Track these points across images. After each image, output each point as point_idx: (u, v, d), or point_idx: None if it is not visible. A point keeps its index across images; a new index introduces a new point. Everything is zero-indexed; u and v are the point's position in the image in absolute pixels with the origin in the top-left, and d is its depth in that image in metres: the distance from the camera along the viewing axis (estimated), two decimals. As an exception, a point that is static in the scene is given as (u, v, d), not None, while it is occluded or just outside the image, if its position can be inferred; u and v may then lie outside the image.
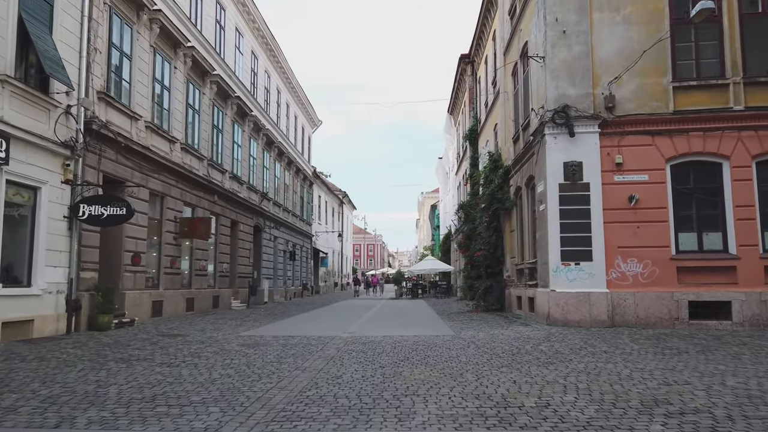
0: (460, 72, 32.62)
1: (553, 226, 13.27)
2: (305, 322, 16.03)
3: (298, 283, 34.83)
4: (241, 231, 23.01)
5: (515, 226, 18.12)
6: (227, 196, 21.17)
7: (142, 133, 14.68)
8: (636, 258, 12.99)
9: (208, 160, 19.31)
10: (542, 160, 13.78)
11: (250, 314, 18.63)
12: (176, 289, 16.66)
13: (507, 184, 19.12)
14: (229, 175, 21.61)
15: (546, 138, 13.50)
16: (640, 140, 13.26)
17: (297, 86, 33.43)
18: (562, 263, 13.14)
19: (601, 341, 10.27)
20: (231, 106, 21.71)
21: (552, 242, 13.25)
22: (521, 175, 16.96)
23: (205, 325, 14.28)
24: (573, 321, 12.84)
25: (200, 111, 18.79)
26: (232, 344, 10.32)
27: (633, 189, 13.13)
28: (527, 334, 11.51)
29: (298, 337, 11.46)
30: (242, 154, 23.34)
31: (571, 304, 12.91)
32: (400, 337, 11.51)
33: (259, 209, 25.65)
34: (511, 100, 18.57)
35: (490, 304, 19.45)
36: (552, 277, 13.18)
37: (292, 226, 32.45)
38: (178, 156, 16.87)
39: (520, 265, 17.38)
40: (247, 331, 12.77)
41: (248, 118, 23.78)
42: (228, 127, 21.56)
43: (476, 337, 11.19)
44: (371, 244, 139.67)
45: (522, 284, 17.13)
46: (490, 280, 19.86)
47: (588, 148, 13.31)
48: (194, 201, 18.14)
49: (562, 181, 13.33)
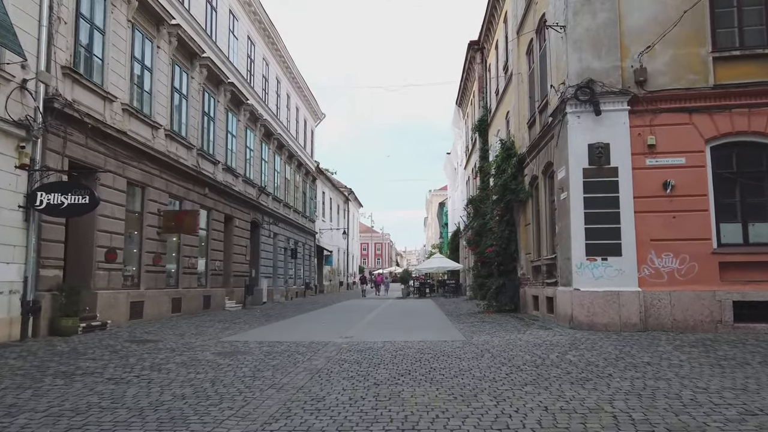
0: (469, 60, 31.06)
1: (576, 217, 11.72)
2: (301, 324, 14.58)
3: (300, 282, 33.41)
4: (236, 227, 21.61)
5: (531, 219, 16.57)
6: (220, 189, 19.77)
7: (118, 116, 13.27)
8: (672, 252, 11.41)
9: (197, 150, 17.90)
10: (563, 143, 12.23)
11: (244, 316, 17.21)
12: (160, 289, 15.26)
13: (521, 174, 17.56)
14: (223, 166, 20.20)
15: (568, 117, 11.95)
16: (675, 119, 11.67)
17: (298, 76, 32.01)
18: (586, 258, 11.58)
19: (638, 349, 8.73)
20: (224, 93, 20.29)
21: (575, 235, 11.70)
22: (537, 162, 15.40)
23: (188, 328, 12.87)
24: (600, 324, 11.29)
25: (188, 96, 17.38)
26: (208, 352, 8.88)
27: (668, 174, 11.55)
28: (549, 340, 9.98)
29: (287, 344, 10.01)
30: (237, 145, 21.93)
31: (598, 305, 11.36)
32: (403, 342, 10.02)
33: (257, 204, 24.24)
34: (525, 82, 17.01)
35: (502, 304, 17.91)
36: (575, 274, 11.63)
37: (293, 222, 31.04)
38: (161, 143, 15.47)
39: (537, 261, 15.83)
40: (231, 336, 11.34)
41: (244, 107, 22.36)
42: (221, 115, 20.15)
43: (490, 344, 9.69)
44: (379, 243, 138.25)
45: (539, 283, 15.59)
46: (503, 279, 18.30)
47: (616, 128, 11.75)
48: (182, 193, 16.74)
49: (586, 165, 11.78)
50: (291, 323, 14.89)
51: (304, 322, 15.42)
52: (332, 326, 13.94)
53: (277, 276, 27.82)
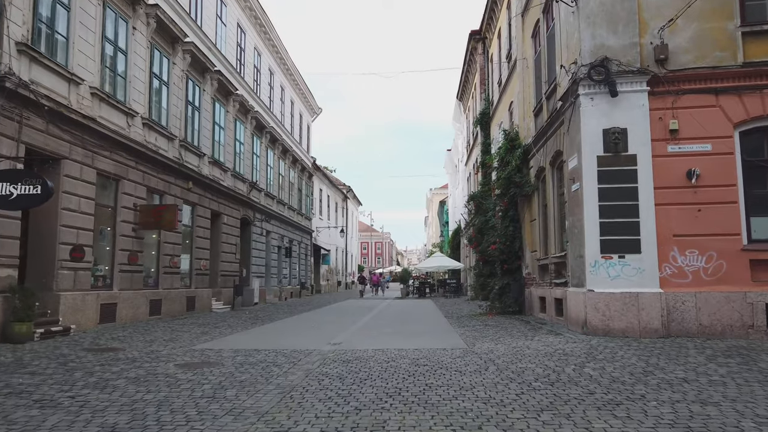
0: (470, 51, 29.89)
1: (590, 210, 10.56)
2: (289, 328, 13.43)
3: (295, 282, 32.25)
4: (224, 224, 20.46)
5: (536, 214, 15.41)
6: (206, 183, 18.61)
7: (86, 101, 12.12)
8: (697, 249, 10.25)
9: (180, 141, 16.74)
10: (575, 128, 11.07)
11: (229, 318, 16.06)
12: (136, 290, 14.10)
13: (526, 167, 16.40)
14: (209, 159, 19.04)
15: (580, 99, 10.79)
16: (700, 100, 10.51)
17: (293, 68, 30.84)
18: (601, 256, 10.42)
19: (666, 360, 7.57)
20: (210, 82, 19.14)
21: (589, 230, 10.54)
22: (545, 152, 14.24)
23: (162, 333, 11.72)
24: (617, 329, 10.13)
25: (169, 83, 16.22)
26: (171, 364, 7.73)
27: (692, 162, 10.39)
28: (561, 348, 8.82)
29: (266, 352, 8.86)
30: (226, 138, 20.77)
31: (615, 308, 10.19)
32: (396, 351, 8.87)
33: (248, 200, 23.08)
34: (531, 67, 15.85)
35: (506, 305, 16.75)
36: (589, 273, 10.47)
37: (287, 220, 29.88)
38: (138, 133, 14.31)
39: (543, 260, 14.67)
40: (206, 343, 10.19)
41: (233, 98, 21.20)
42: (207, 105, 19.00)
43: (495, 352, 8.53)
44: (379, 242, 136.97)
45: (546, 283, 14.43)
46: (507, 278, 17.14)
47: (634, 111, 10.58)
48: (162, 187, 15.58)
49: (601, 153, 10.61)
50: (278, 327, 13.74)
51: (293, 325, 14.27)
52: (322, 330, 12.80)
53: (270, 276, 26.67)
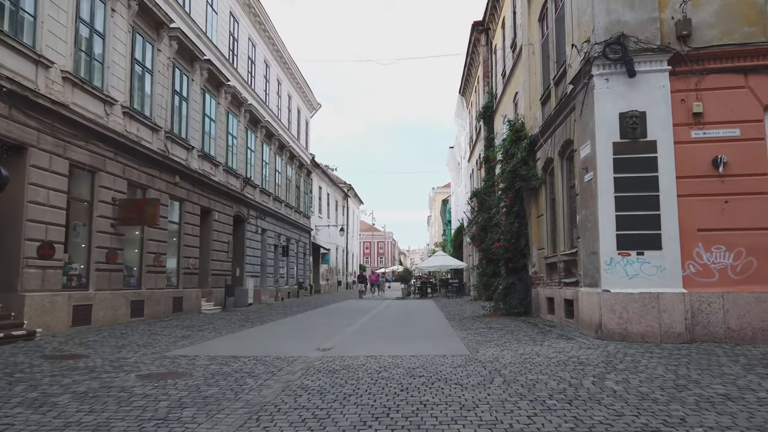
0: (473, 43, 28.92)
1: (605, 202, 9.59)
2: (279, 331, 12.50)
3: (293, 281, 31.31)
4: (216, 221, 19.53)
5: (544, 209, 14.44)
6: (195, 178, 17.68)
7: (57, 85, 11.20)
8: (724, 245, 9.27)
9: (166, 132, 15.82)
10: (588, 113, 10.09)
11: (218, 320, 15.13)
12: (115, 290, 13.18)
13: (532, 159, 15.43)
14: (198, 153, 18.11)
15: (594, 81, 9.81)
16: (727, 81, 9.52)
17: (290, 61, 29.89)
18: (618, 253, 9.44)
19: (698, 371, 6.59)
20: (200, 72, 18.21)
21: (604, 224, 9.57)
22: (553, 142, 13.28)
23: (139, 337, 10.79)
24: (635, 334, 9.16)
25: (153, 70, 15.29)
26: (133, 374, 6.79)
27: (718, 149, 9.41)
28: (575, 356, 7.86)
29: (245, 360, 7.93)
30: (217, 131, 19.84)
31: (633, 310, 9.22)
32: (391, 358, 7.92)
33: (242, 197, 22.15)
34: (538, 53, 14.87)
35: (511, 306, 15.77)
36: (604, 272, 9.49)
37: (284, 218, 28.95)
38: (118, 122, 13.39)
39: (551, 257, 13.71)
40: (183, 348, 9.26)
41: (225, 89, 20.27)
42: (196, 96, 18.07)
43: (501, 360, 7.57)
44: (381, 242, 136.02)
45: (554, 282, 13.46)
46: (512, 278, 16.17)
47: (654, 92, 9.60)
48: (145, 181, 14.66)
49: (617, 139, 9.64)
50: (268, 330, 12.80)
51: (283, 328, 13.33)
52: (313, 334, 11.85)
53: (266, 275, 25.74)
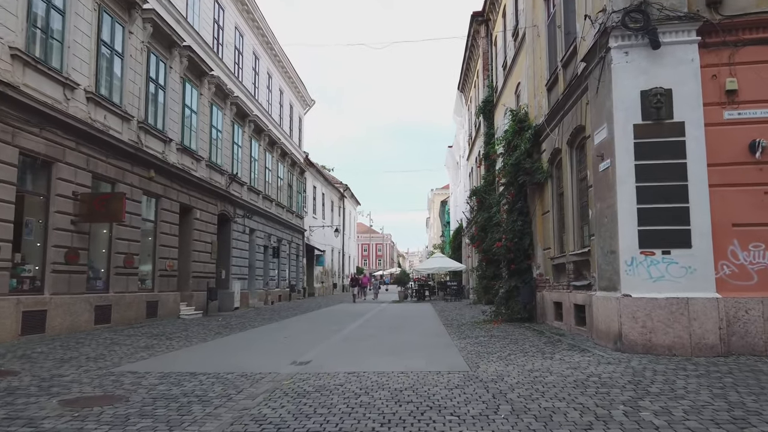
0: (472, 35, 27.72)
1: (624, 193, 8.34)
2: (256, 340, 11.25)
3: (285, 284, 30.03)
4: (197, 219, 18.27)
5: (550, 205, 13.20)
6: (174, 173, 16.44)
7: (4, 63, 9.95)
8: (764, 243, 8.03)
9: (139, 123, 14.57)
10: (605, 92, 8.84)
11: (194, 327, 13.87)
12: (76, 294, 11.91)
13: (537, 151, 14.19)
14: (177, 146, 16.86)
15: (612, 55, 8.57)
16: (765, 53, 8.30)
17: (281, 54, 28.65)
18: (640, 252, 8.19)
19: (751, 396, 5.34)
20: (180, 59, 16.98)
21: (623, 219, 8.32)
22: (561, 131, 12.04)
23: (94, 347, 9.52)
24: (661, 345, 7.90)
25: (124, 54, 14.05)
26: (56, 400, 5.54)
27: (756, 131, 8.18)
28: (594, 373, 6.60)
29: (203, 377, 6.69)
30: (199, 124, 18.59)
31: (659, 318, 7.96)
32: (375, 377, 6.67)
33: (227, 194, 20.89)
34: (543, 35, 13.64)
35: (514, 312, 14.52)
36: (624, 273, 8.24)
37: (275, 217, 27.69)
38: (80, 108, 12.14)
39: (559, 258, 12.47)
40: (137, 362, 8.01)
41: (208, 79, 19.03)
42: (175, 85, 16.82)
43: (506, 380, 6.32)
44: (379, 244, 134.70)
45: (562, 285, 12.21)
46: (515, 280, 14.90)
47: (680, 67, 8.37)
48: (113, 174, 13.40)
49: (638, 121, 8.40)
50: (244, 338, 11.54)
51: (263, 335, 12.08)
52: (294, 342, 10.60)
53: (254, 278, 24.46)
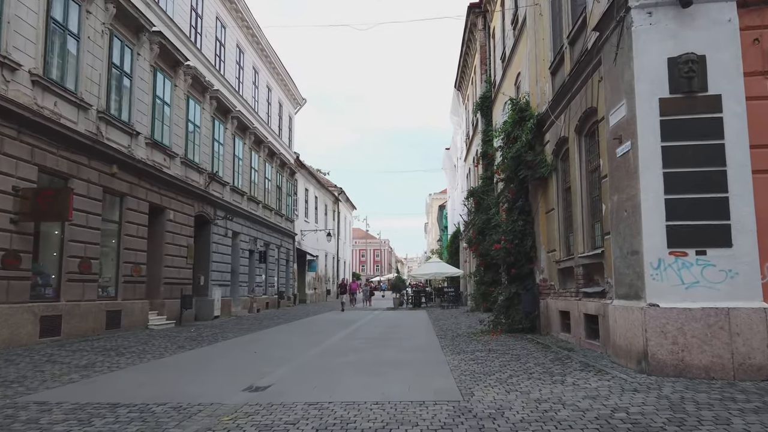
0: (469, 28, 26.41)
1: (649, 182, 6.92)
2: (216, 355, 9.81)
3: (273, 290, 28.55)
4: (171, 221, 16.82)
5: (555, 202, 11.79)
6: (142, 170, 15.01)
7: None
8: (821, 240, 6.63)
9: (99, 112, 13.15)
10: (624, 61, 7.43)
11: (159, 338, 12.41)
12: (17, 303, 10.45)
13: (540, 142, 12.80)
14: (147, 140, 15.45)
15: (633, 16, 7.17)
16: (818, 13, 6.93)
17: (269, 49, 27.27)
18: (669, 252, 6.77)
19: None
20: (150, 46, 15.59)
21: (648, 212, 6.90)
22: (568, 117, 10.65)
23: (20, 367, 8.06)
24: (696, 366, 6.46)
25: (81, 36, 12.64)
26: None
27: (809, 106, 6.79)
28: (621, 406, 5.16)
29: (126, 410, 5.28)
30: (173, 117, 17.18)
31: (693, 333, 6.52)
32: (343, 411, 5.23)
33: (206, 194, 19.46)
34: (546, 12, 12.26)
35: (514, 321, 13.07)
36: (649, 278, 6.80)
37: (262, 220, 26.24)
38: (23, 93, 10.72)
39: (566, 261, 11.06)
40: (57, 389, 6.58)
41: (183, 70, 17.64)
42: (143, 73, 15.41)
43: (508, 415, 4.88)
44: (377, 249, 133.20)
45: (569, 292, 10.79)
46: (515, 286, 13.47)
47: (716, 30, 6.97)
48: (66, 168, 11.97)
49: (665, 94, 6.99)
50: (205, 353, 10.09)
51: (229, 350, 10.62)
52: (259, 359, 9.15)
53: (238, 284, 22.99)
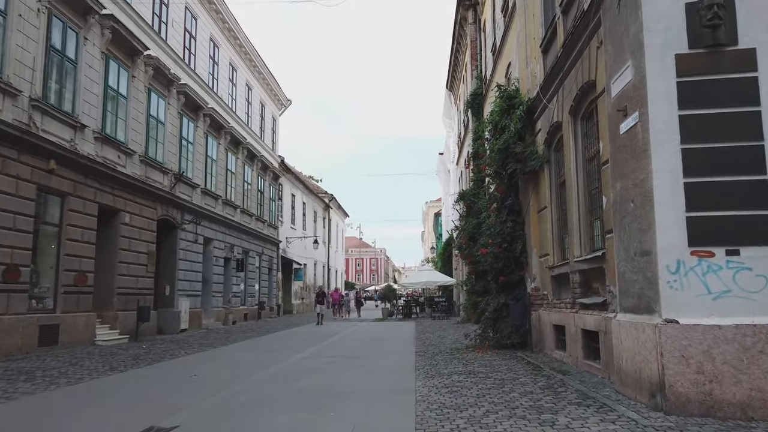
0: (459, 22, 25.00)
1: (663, 160, 5.37)
2: (147, 380, 8.23)
3: (253, 301, 26.89)
4: (126, 225, 15.23)
5: (547, 199, 10.24)
6: (89, 167, 13.45)
7: None
8: None
9: (32, 100, 11.61)
10: (629, 12, 5.88)
11: (94, 358, 10.79)
12: None
13: (531, 132, 11.28)
14: (96, 134, 13.89)
15: (639, -49, 5.65)
16: None
17: (248, 45, 25.76)
18: (691, 252, 5.21)
19: None
20: (100, 30, 14.08)
21: (662, 200, 5.34)
22: (561, 98, 9.13)
23: None
24: (730, 403, 4.88)
25: (7, 12, 11.12)
26: None
27: None
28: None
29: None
30: (130, 111, 15.63)
31: (725, 358, 4.94)
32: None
33: (172, 197, 17.89)
34: (536, -16, 10.79)
35: (503, 336, 11.49)
36: (665, 286, 5.23)
37: (240, 226, 24.63)
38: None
39: (560, 267, 9.50)
40: None
41: (143, 59, 16.13)
42: (92, 60, 13.88)
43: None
44: (374, 258, 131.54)
45: (565, 303, 9.23)
46: (504, 296, 11.89)
47: (747, -34, 5.47)
48: (-14, 162, 10.43)
49: (683, 49, 5.46)
50: (134, 377, 8.48)
51: (165, 372, 9.02)
52: (188, 388, 7.58)
53: (210, 294, 21.33)
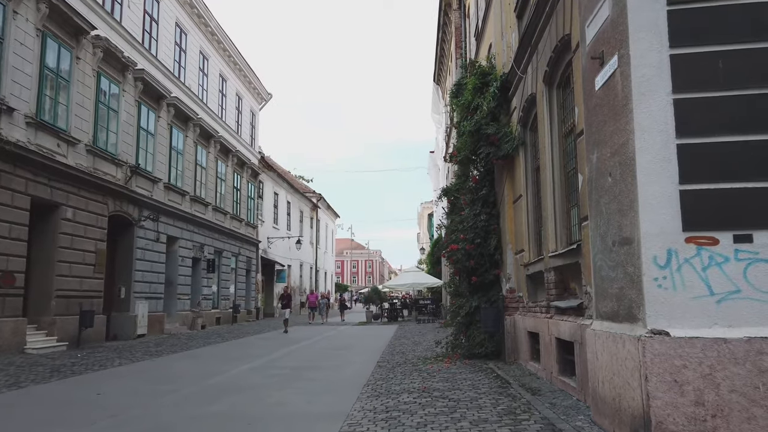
0: (443, 9, 23.68)
1: (649, 115, 4.01)
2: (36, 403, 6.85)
3: (227, 304, 25.47)
4: (67, 220, 13.85)
5: (523, 187, 8.89)
6: (20, 155, 12.08)
7: None
8: None
9: (-59, 77, 10.27)
10: (603, -72, 4.57)
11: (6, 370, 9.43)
12: None
13: (505, 111, 9.94)
14: (28, 120, 12.52)
15: None
16: None
17: (220, 33, 24.37)
18: (685, 239, 3.85)
19: None
20: (36, 5, 12.74)
21: (647, 168, 3.99)
22: (535, 65, 7.80)
23: None
24: (739, 445, 3.53)
25: None
26: None
27: None
28: None
29: None
30: (73, 95, 14.23)
31: (732, 384, 3.58)
32: None
33: (127, 191, 16.51)
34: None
35: (475, 344, 10.13)
36: (652, 286, 3.87)
37: (212, 225, 23.24)
38: None
39: (535, 264, 8.16)
40: None
41: (91, 40, 14.77)
42: (25, 37, 12.52)
43: None
44: (369, 260, 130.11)
45: (539, 307, 7.88)
46: (478, 298, 10.51)
47: None
48: None
49: (674, -31, 4.12)
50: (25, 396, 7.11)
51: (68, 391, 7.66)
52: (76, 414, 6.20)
53: (175, 297, 19.94)
